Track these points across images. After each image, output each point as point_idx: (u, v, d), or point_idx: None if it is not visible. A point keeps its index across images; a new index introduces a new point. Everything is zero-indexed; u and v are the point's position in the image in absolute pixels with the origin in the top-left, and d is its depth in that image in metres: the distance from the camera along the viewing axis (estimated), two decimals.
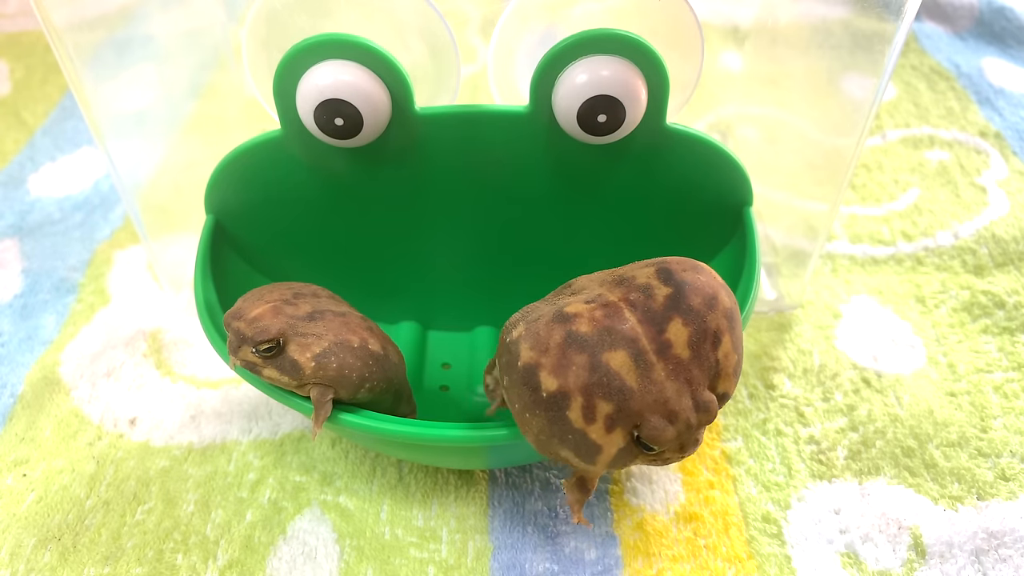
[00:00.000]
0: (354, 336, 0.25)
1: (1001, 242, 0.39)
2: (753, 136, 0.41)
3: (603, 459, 0.21)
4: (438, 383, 0.33)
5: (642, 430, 0.20)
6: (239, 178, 0.29)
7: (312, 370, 0.24)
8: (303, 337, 0.24)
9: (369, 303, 0.33)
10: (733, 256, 0.29)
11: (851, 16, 0.30)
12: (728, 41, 0.40)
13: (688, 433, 0.20)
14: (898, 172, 0.44)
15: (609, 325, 0.21)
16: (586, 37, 0.25)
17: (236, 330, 0.24)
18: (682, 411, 0.20)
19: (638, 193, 0.30)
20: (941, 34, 0.54)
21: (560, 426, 0.21)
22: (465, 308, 0.34)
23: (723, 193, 0.29)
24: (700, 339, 0.21)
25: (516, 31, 0.28)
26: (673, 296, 0.21)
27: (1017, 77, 0.50)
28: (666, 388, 0.20)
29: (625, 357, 0.21)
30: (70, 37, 0.28)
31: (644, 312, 0.21)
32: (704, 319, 0.21)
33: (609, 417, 0.20)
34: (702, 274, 0.22)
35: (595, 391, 0.20)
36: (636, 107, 0.26)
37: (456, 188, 0.30)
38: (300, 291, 0.26)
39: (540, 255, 0.32)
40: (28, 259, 0.40)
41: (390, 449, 0.27)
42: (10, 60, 0.53)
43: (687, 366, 0.21)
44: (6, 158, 0.46)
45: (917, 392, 0.33)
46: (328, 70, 0.26)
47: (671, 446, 0.20)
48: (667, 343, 0.21)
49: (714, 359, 0.21)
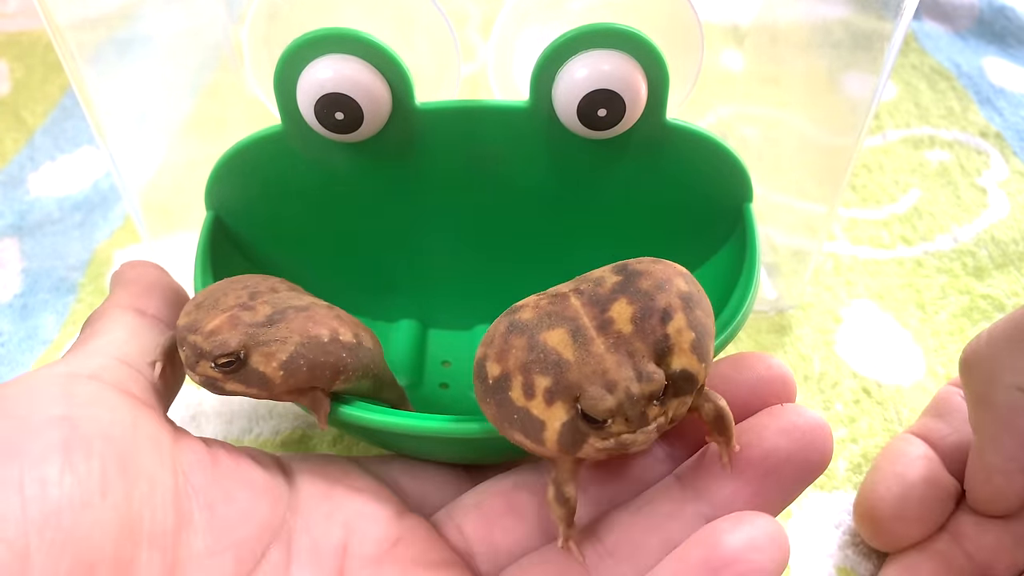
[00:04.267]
0: (323, 329, 0.24)
1: (1001, 244, 0.39)
2: (753, 136, 0.41)
3: (550, 436, 0.20)
4: (438, 381, 0.33)
5: (582, 401, 0.20)
6: (240, 173, 0.29)
7: (282, 379, 0.23)
8: (266, 346, 0.23)
9: (369, 301, 0.33)
10: (733, 253, 0.29)
11: (851, 15, 0.30)
12: (728, 40, 0.40)
13: (632, 405, 0.19)
14: (899, 173, 0.44)
15: (551, 310, 0.21)
16: (586, 31, 0.26)
17: (192, 344, 0.23)
18: (621, 380, 0.19)
19: (638, 188, 0.30)
20: (941, 33, 0.54)
21: (506, 408, 0.21)
22: (465, 306, 0.34)
23: (723, 189, 0.29)
24: (645, 315, 0.20)
25: (516, 27, 0.28)
26: (622, 282, 0.21)
27: (1018, 77, 0.49)
28: (605, 360, 0.20)
29: (563, 334, 0.21)
30: (72, 36, 0.28)
31: (590, 297, 0.21)
32: (652, 298, 0.21)
33: (548, 391, 0.20)
34: (659, 264, 0.22)
35: (532, 368, 0.20)
36: (636, 101, 0.26)
37: (456, 183, 0.30)
38: (256, 289, 0.25)
39: (539, 251, 0.32)
40: (28, 259, 0.40)
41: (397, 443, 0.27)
42: (10, 59, 0.53)
43: (628, 339, 0.20)
44: (6, 157, 0.46)
45: (916, 406, 0.32)
46: (328, 64, 0.26)
47: (616, 420, 0.19)
48: (609, 320, 0.21)
49: (661, 333, 0.20)
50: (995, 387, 0.24)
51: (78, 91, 0.29)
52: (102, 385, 0.22)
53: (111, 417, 0.21)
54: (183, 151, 0.36)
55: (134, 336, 0.25)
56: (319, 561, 0.23)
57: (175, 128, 0.36)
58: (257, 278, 0.26)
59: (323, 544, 0.23)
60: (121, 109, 0.31)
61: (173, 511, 0.21)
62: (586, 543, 0.23)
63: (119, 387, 0.23)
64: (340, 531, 0.23)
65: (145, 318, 0.26)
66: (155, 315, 0.26)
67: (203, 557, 0.21)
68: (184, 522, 0.21)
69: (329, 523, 0.23)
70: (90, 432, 0.20)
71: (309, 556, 0.23)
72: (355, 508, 0.24)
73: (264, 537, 0.22)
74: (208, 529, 0.21)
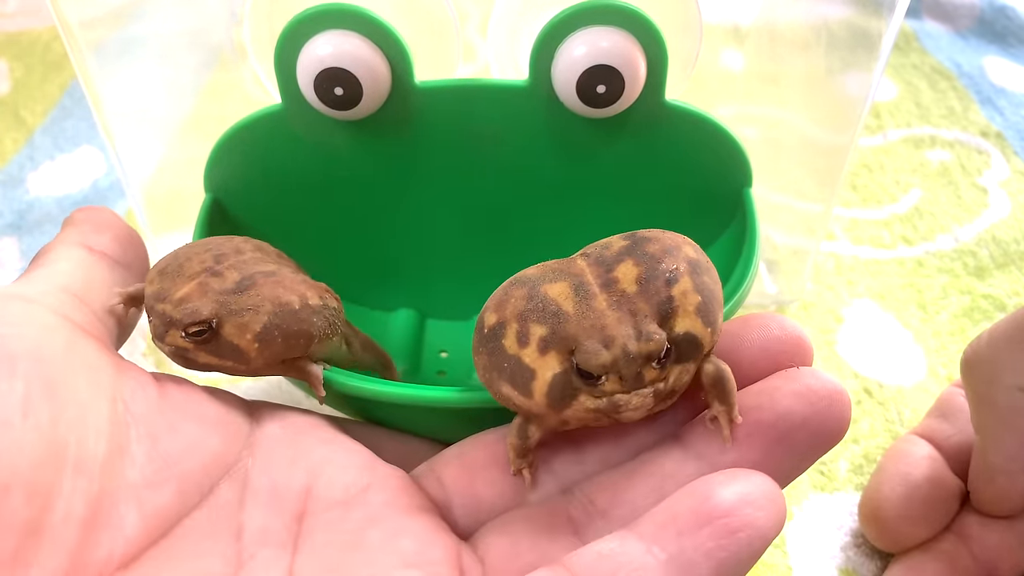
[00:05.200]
0: (292, 295, 0.23)
1: (1002, 243, 0.39)
2: (753, 136, 0.41)
3: (539, 387, 0.19)
4: (435, 369, 0.33)
5: (576, 354, 0.19)
6: (239, 153, 0.29)
7: (257, 352, 0.22)
8: (238, 316, 0.22)
9: (367, 289, 0.33)
10: (734, 238, 0.29)
11: (850, 14, 0.30)
12: (729, 40, 0.40)
13: (628, 363, 0.19)
14: (899, 172, 0.44)
15: (557, 267, 0.21)
16: (584, 8, 0.26)
17: (161, 313, 0.22)
18: (619, 336, 0.19)
19: (637, 170, 0.30)
20: (942, 33, 0.54)
21: (497, 356, 0.20)
22: (462, 296, 0.34)
23: (723, 173, 0.29)
24: (651, 277, 0.20)
25: (516, 10, 0.28)
26: (629, 246, 0.21)
27: (1018, 76, 0.49)
28: (605, 315, 0.19)
29: (565, 287, 0.20)
30: (81, 32, 0.28)
31: (596, 259, 0.21)
32: (659, 261, 0.20)
33: (543, 339, 0.19)
34: (667, 233, 0.21)
35: (529, 316, 0.20)
36: (635, 78, 0.26)
37: (455, 162, 0.30)
38: (220, 251, 0.24)
39: (538, 235, 0.32)
40: (27, 258, 0.40)
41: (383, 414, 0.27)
42: (9, 59, 0.53)
43: (632, 299, 0.20)
44: (5, 157, 0.46)
45: (918, 407, 0.32)
46: (328, 39, 0.26)
47: (611, 378, 0.19)
48: (613, 279, 0.20)
49: (666, 294, 0.20)
50: (996, 388, 0.24)
51: (84, 87, 0.30)
52: (38, 307, 0.21)
53: (42, 338, 0.20)
54: (185, 148, 0.36)
55: (80, 268, 0.24)
56: (277, 502, 0.21)
57: (177, 125, 0.36)
58: (220, 239, 0.25)
59: (283, 486, 0.22)
60: (125, 106, 0.31)
61: (106, 439, 0.20)
62: (578, 507, 0.22)
63: (57, 312, 0.21)
64: (304, 475, 0.22)
65: (94, 253, 0.24)
66: (104, 251, 0.25)
67: (138, 488, 0.20)
68: (119, 451, 0.20)
69: (292, 467, 0.22)
70: (15, 350, 0.19)
71: (266, 496, 0.21)
72: (323, 455, 0.23)
73: (213, 472, 0.21)
74: (148, 460, 0.20)
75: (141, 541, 0.19)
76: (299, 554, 0.21)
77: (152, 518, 0.20)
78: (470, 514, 0.23)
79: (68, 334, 0.21)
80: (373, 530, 0.21)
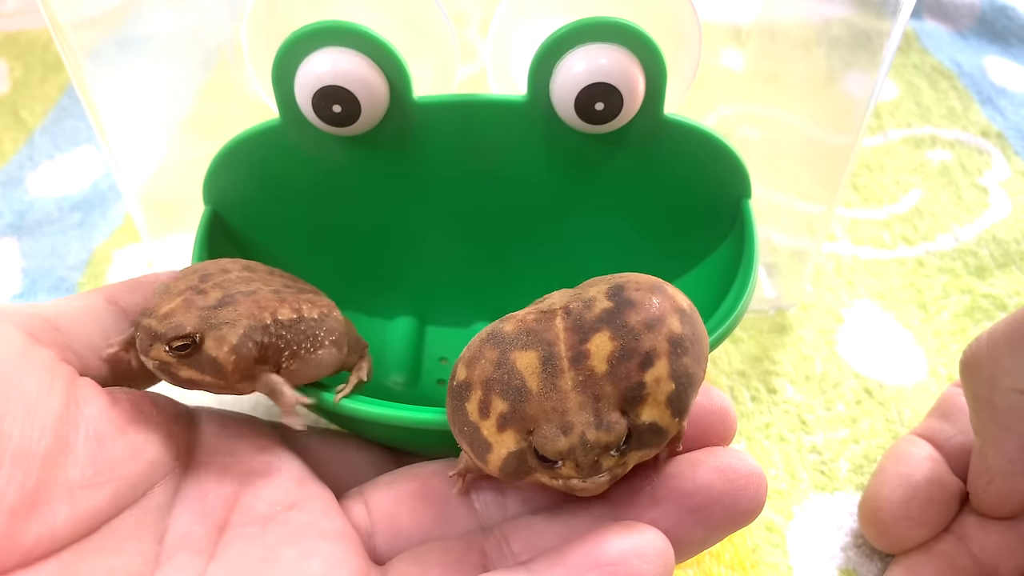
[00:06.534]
0: (264, 313, 0.24)
1: (1002, 243, 0.39)
2: (754, 136, 0.41)
3: (494, 460, 0.20)
4: (435, 377, 0.33)
5: (534, 437, 0.19)
6: (238, 166, 0.29)
7: (233, 364, 0.23)
8: (217, 329, 0.23)
9: (367, 297, 0.33)
10: (732, 250, 0.29)
11: (851, 14, 0.30)
12: (729, 40, 0.40)
13: (585, 452, 0.19)
14: (900, 172, 0.44)
15: (533, 328, 0.21)
16: (584, 25, 0.26)
17: (147, 328, 0.22)
18: (578, 424, 0.19)
19: (636, 184, 0.30)
20: (943, 33, 0.54)
21: (460, 415, 0.21)
22: (462, 303, 0.34)
23: (721, 185, 0.29)
24: (624, 356, 0.19)
25: (514, 22, 0.28)
26: (611, 311, 0.20)
27: (1019, 76, 0.49)
28: (568, 398, 0.19)
29: (534, 359, 0.20)
30: (73, 34, 0.28)
31: (575, 320, 0.20)
32: (637, 338, 0.20)
33: (502, 416, 0.20)
34: (657, 295, 0.20)
35: (494, 387, 0.20)
36: (633, 95, 0.26)
37: (453, 177, 0.30)
38: (206, 272, 0.25)
39: (537, 248, 0.32)
40: (27, 258, 0.40)
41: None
42: (9, 59, 0.53)
43: (599, 381, 0.19)
44: (4, 157, 0.46)
45: (918, 407, 0.32)
46: (326, 57, 0.26)
47: (567, 464, 0.19)
48: (585, 353, 0.20)
49: (636, 380, 0.19)
50: (996, 390, 0.24)
51: (79, 89, 0.29)
52: (5, 323, 0.22)
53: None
54: (183, 150, 0.36)
55: (83, 311, 0.24)
56: (204, 510, 0.22)
57: (175, 127, 0.36)
58: (208, 263, 0.25)
59: (212, 494, 0.23)
60: (121, 108, 0.31)
61: (51, 435, 0.20)
62: (494, 544, 0.22)
63: (24, 329, 0.22)
64: (233, 485, 0.23)
65: (112, 305, 0.25)
66: (126, 308, 0.25)
67: (77, 486, 0.20)
68: (63, 448, 0.20)
69: (223, 475, 0.23)
70: None
71: (195, 503, 0.22)
72: (255, 466, 0.24)
73: (151, 477, 0.22)
74: (91, 461, 0.21)
75: (68, 536, 0.20)
76: (214, 561, 0.22)
77: (83, 515, 0.21)
78: (389, 541, 0.24)
79: (25, 343, 0.22)
80: (288, 548, 0.22)
